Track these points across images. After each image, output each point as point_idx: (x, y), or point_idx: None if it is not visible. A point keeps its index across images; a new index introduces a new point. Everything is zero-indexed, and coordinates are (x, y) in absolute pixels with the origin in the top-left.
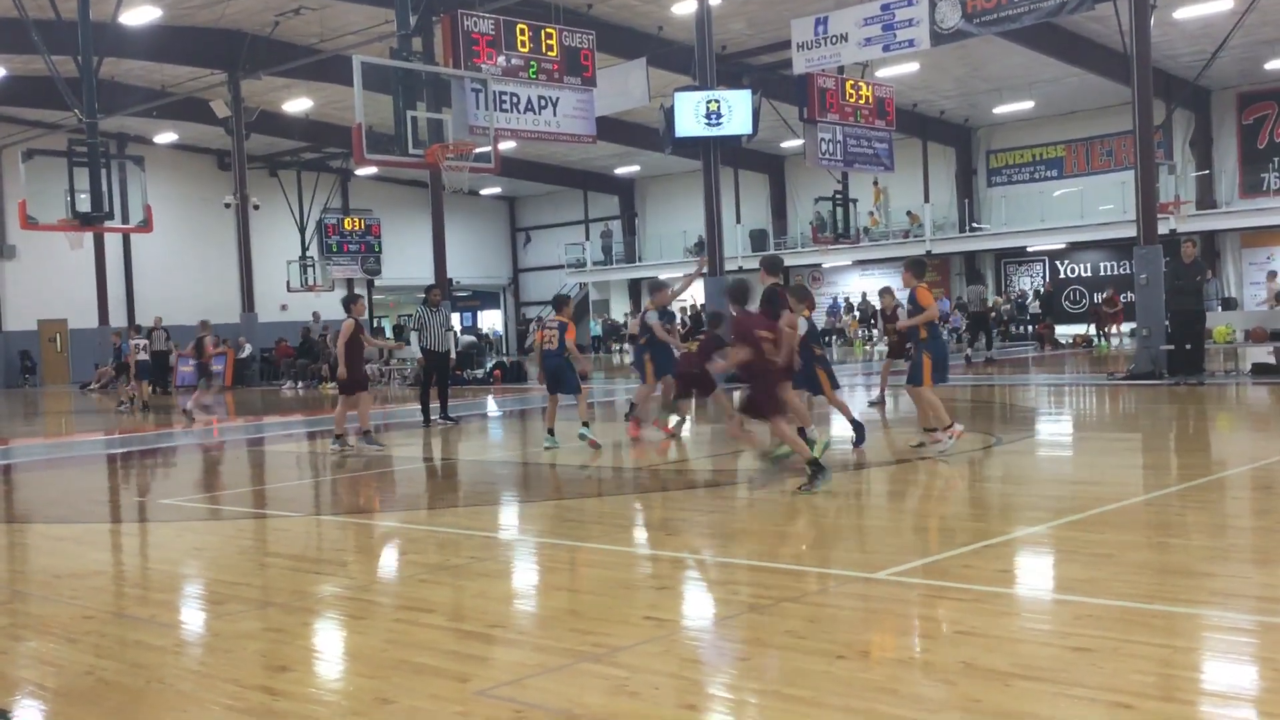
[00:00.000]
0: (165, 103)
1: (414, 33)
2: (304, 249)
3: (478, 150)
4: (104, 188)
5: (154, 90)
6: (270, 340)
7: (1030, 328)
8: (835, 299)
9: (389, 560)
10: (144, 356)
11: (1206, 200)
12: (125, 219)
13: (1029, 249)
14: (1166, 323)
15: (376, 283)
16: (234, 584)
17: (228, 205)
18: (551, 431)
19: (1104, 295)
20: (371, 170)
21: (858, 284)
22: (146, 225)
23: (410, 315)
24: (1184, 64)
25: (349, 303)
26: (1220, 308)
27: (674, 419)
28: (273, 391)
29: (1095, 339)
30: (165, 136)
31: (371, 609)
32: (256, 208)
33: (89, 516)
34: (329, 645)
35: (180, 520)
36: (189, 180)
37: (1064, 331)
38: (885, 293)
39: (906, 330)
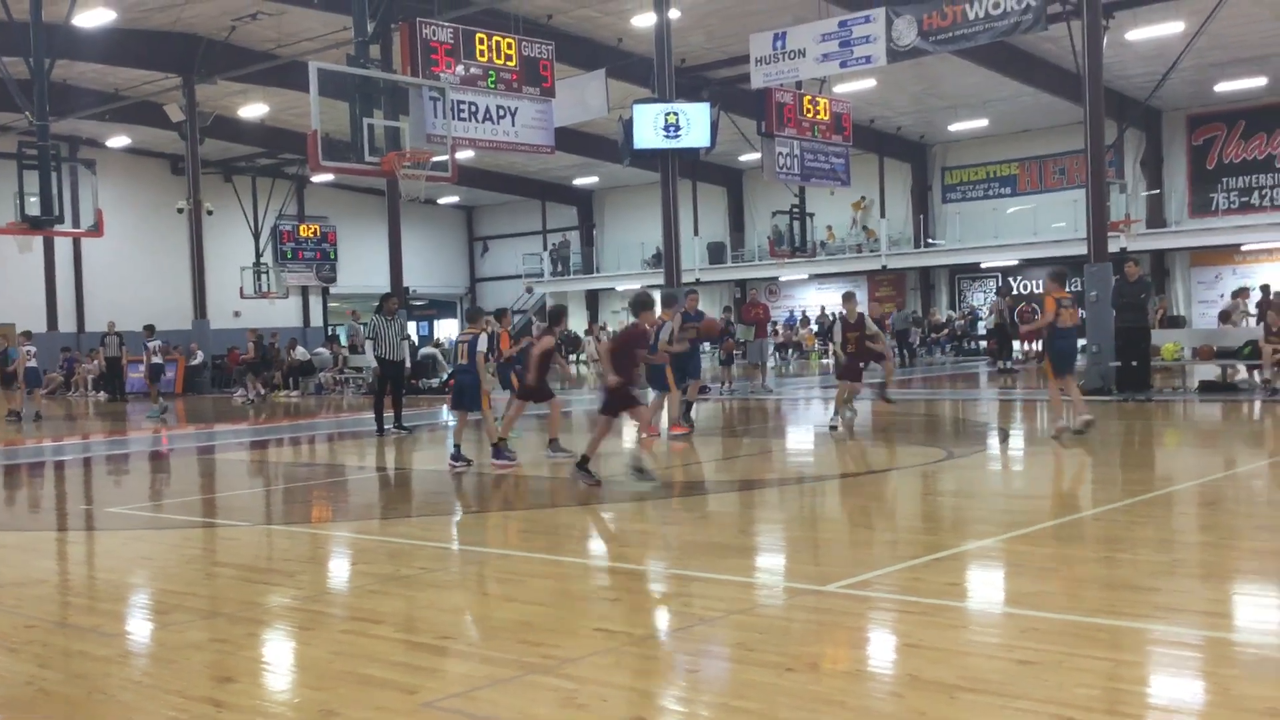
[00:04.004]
0: (118, 106)
1: (372, 40)
2: (258, 255)
3: (435, 159)
4: (54, 191)
5: (107, 93)
6: (223, 347)
7: (983, 343)
8: (792, 312)
9: (339, 570)
10: (33, 363)
11: (1156, 219)
12: (76, 223)
13: (982, 265)
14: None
15: (332, 290)
16: (180, 594)
17: (180, 210)
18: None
19: (1017, 308)
20: (328, 177)
21: (814, 297)
22: (97, 230)
23: (364, 323)
24: (1136, 85)
25: (558, 314)
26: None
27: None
28: (224, 399)
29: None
30: (118, 140)
31: (320, 620)
32: (210, 213)
33: (33, 524)
34: (276, 656)
35: (127, 529)
36: (141, 184)
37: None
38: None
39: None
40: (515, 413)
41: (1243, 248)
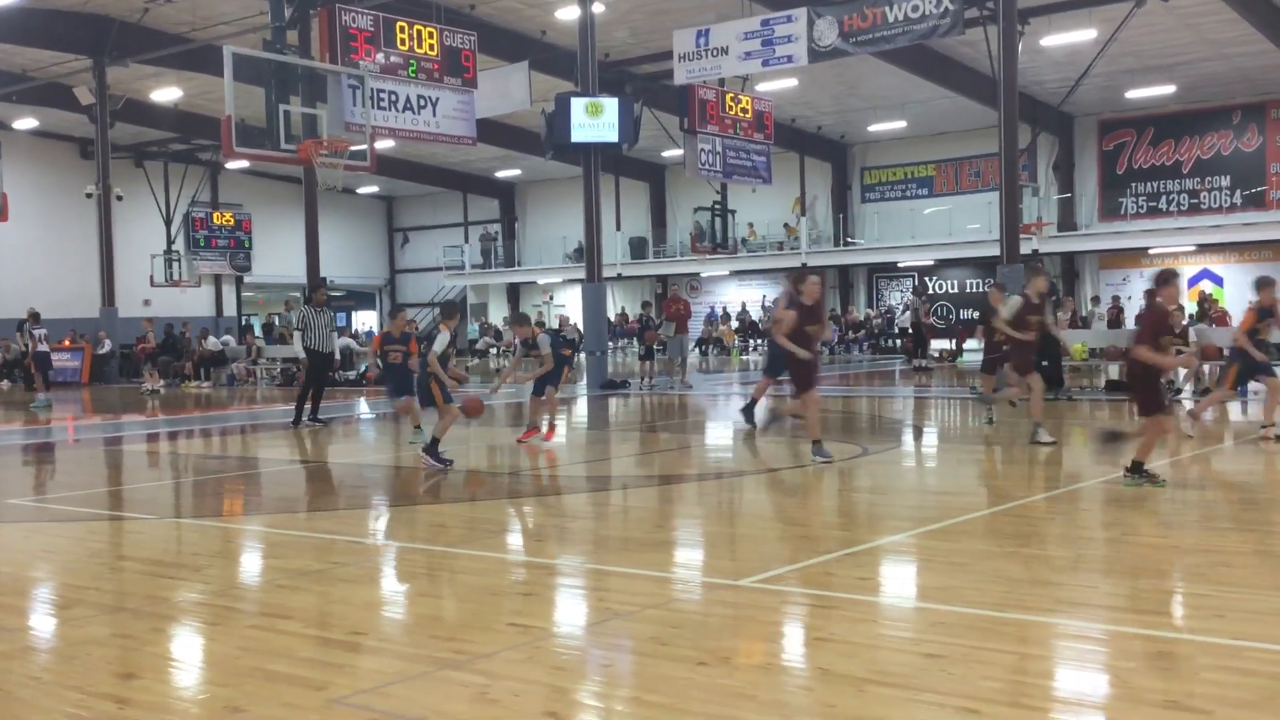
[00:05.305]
0: (25, 87)
1: (290, 25)
2: (169, 243)
3: (354, 148)
4: None
5: (14, 74)
6: (132, 336)
7: (898, 342)
8: (713, 308)
9: (250, 565)
10: None
11: (1067, 222)
12: None
13: (899, 264)
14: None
15: (246, 279)
16: (83, 588)
17: (89, 195)
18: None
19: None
20: (242, 164)
21: (735, 293)
22: (1, 214)
23: (280, 314)
24: (1049, 90)
25: (798, 281)
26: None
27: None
28: (132, 389)
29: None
30: (25, 122)
31: (228, 615)
32: (120, 199)
33: None
34: (181, 652)
35: (28, 520)
36: (49, 168)
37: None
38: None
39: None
40: (801, 407)
41: (1150, 251)
